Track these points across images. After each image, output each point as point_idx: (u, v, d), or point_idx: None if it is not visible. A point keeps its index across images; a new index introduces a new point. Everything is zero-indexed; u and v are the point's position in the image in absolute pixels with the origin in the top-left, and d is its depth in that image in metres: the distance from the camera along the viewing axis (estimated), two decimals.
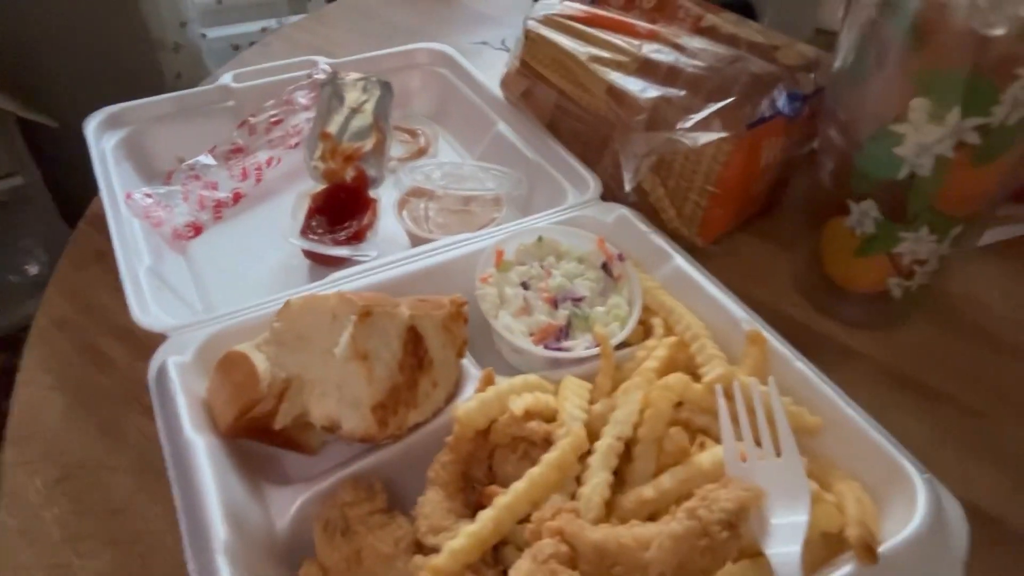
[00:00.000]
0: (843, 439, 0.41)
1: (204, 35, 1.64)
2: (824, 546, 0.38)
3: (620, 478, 0.41)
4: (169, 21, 1.58)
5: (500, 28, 0.98)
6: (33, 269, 1.47)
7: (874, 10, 0.45)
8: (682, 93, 0.56)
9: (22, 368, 0.54)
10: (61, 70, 1.40)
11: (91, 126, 0.66)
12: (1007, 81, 0.42)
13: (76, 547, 0.44)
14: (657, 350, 0.46)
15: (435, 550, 0.37)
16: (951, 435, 0.50)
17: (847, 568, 0.35)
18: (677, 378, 0.43)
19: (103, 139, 0.66)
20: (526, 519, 0.38)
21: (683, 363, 0.47)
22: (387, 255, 0.59)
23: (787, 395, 0.43)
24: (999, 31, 0.41)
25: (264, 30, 1.67)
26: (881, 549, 0.35)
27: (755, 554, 0.36)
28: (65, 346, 0.55)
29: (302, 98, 0.72)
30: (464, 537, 0.36)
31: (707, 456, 0.40)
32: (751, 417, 0.40)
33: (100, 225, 0.64)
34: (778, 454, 0.39)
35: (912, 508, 0.37)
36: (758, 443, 0.40)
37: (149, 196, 0.62)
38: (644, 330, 0.51)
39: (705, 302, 0.50)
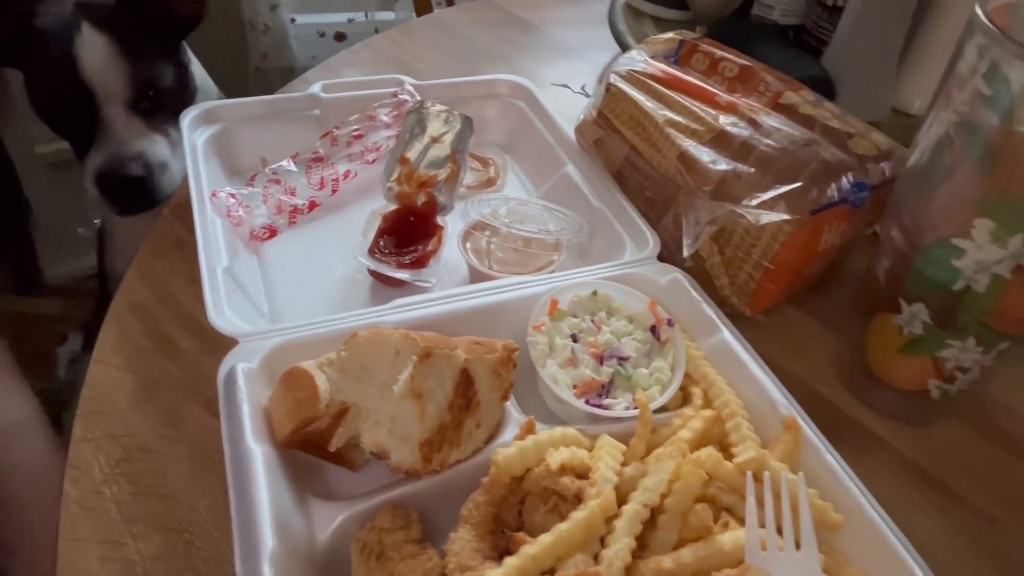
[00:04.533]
0: (862, 538, 0.43)
1: (293, 20, 1.70)
2: None
3: (641, 543, 0.43)
4: (261, 3, 1.63)
5: (578, 62, 1.00)
6: (99, 222, 1.54)
7: (952, 127, 0.46)
8: (752, 170, 0.57)
9: (97, 346, 0.58)
10: None
11: (187, 119, 0.70)
12: None
13: (130, 527, 0.48)
14: (693, 421, 0.48)
15: None
16: (964, 538, 0.51)
17: None
18: (709, 454, 0.45)
19: (196, 133, 0.70)
20: (549, 571, 0.40)
21: (717, 437, 0.49)
22: (445, 283, 0.63)
23: (814, 487, 0.45)
24: None
25: (351, 21, 1.73)
26: None
27: None
28: (138, 331, 0.59)
29: (384, 115, 0.75)
30: None
31: (729, 537, 0.42)
32: (776, 505, 0.42)
33: (182, 214, 0.68)
34: (797, 546, 0.40)
35: None
36: (780, 531, 0.42)
37: (232, 196, 0.65)
38: (683, 397, 0.53)
39: (746, 379, 0.52)
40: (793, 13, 0.85)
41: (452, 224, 0.66)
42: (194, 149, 0.69)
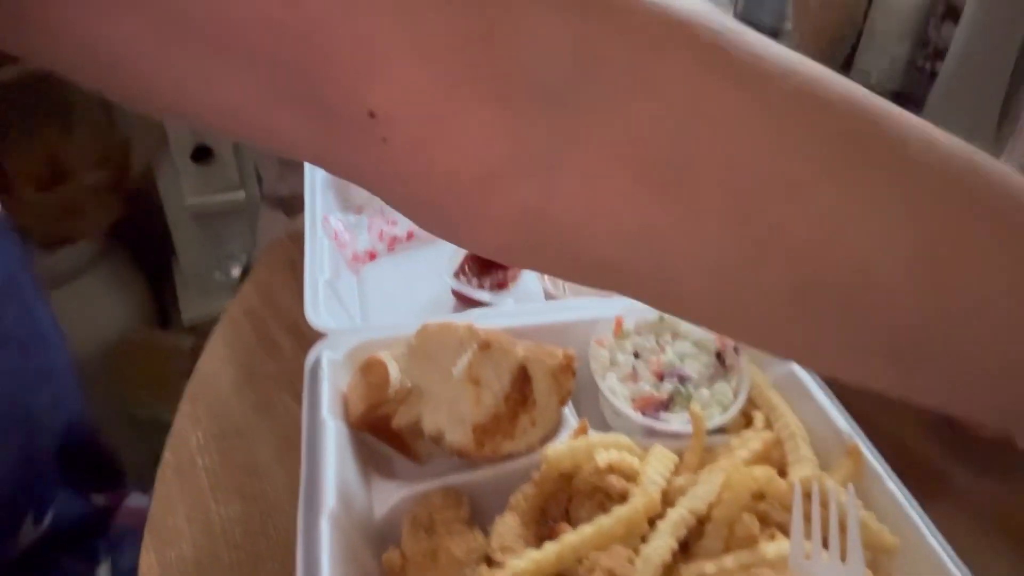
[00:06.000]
0: (919, 566, 0.41)
1: None
2: None
3: (687, 552, 0.43)
4: None
5: None
6: (235, 271, 1.69)
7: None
8: None
9: (210, 341, 0.65)
10: None
11: None
12: None
13: (215, 494, 0.53)
14: (751, 441, 0.48)
15: (501, 566, 0.41)
16: None
17: None
18: (763, 470, 0.45)
19: (316, 170, 0.79)
20: None
21: (775, 461, 0.49)
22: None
23: (873, 512, 0.44)
24: None
25: None
26: None
27: None
28: (247, 330, 0.66)
29: None
30: (527, 560, 0.40)
31: (773, 546, 0.41)
32: (824, 518, 0.41)
33: (297, 240, 0.76)
34: (844, 560, 0.39)
35: None
36: (829, 547, 0.41)
37: (341, 222, 0.73)
38: (745, 422, 0.53)
39: (811, 408, 0.51)
40: (891, 79, 0.86)
41: None
42: (313, 182, 0.77)
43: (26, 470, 0.59)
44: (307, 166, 0.79)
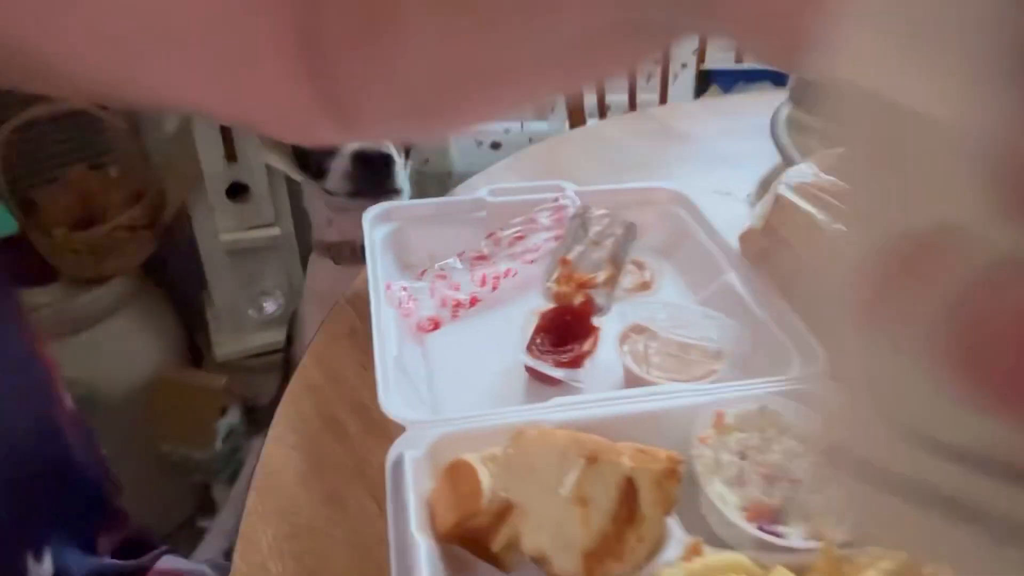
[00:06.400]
0: None
1: None
2: None
3: None
4: None
5: (737, 171, 1.00)
6: (270, 308, 1.67)
7: None
8: None
9: (274, 424, 0.62)
10: None
11: (368, 217, 0.76)
12: None
13: None
14: (883, 562, 0.44)
15: None
16: None
17: None
18: None
19: (375, 230, 0.76)
20: None
21: None
22: (599, 385, 0.62)
23: None
24: None
25: (507, 131, 1.83)
26: None
27: None
28: (311, 411, 0.63)
29: (544, 219, 0.78)
30: None
31: None
32: None
33: (356, 304, 0.73)
34: None
35: None
36: None
37: (404, 289, 0.69)
38: None
39: None
40: None
41: (607, 326, 0.66)
42: (373, 244, 0.74)
43: (12, 497, 0.55)
44: (365, 224, 0.76)
